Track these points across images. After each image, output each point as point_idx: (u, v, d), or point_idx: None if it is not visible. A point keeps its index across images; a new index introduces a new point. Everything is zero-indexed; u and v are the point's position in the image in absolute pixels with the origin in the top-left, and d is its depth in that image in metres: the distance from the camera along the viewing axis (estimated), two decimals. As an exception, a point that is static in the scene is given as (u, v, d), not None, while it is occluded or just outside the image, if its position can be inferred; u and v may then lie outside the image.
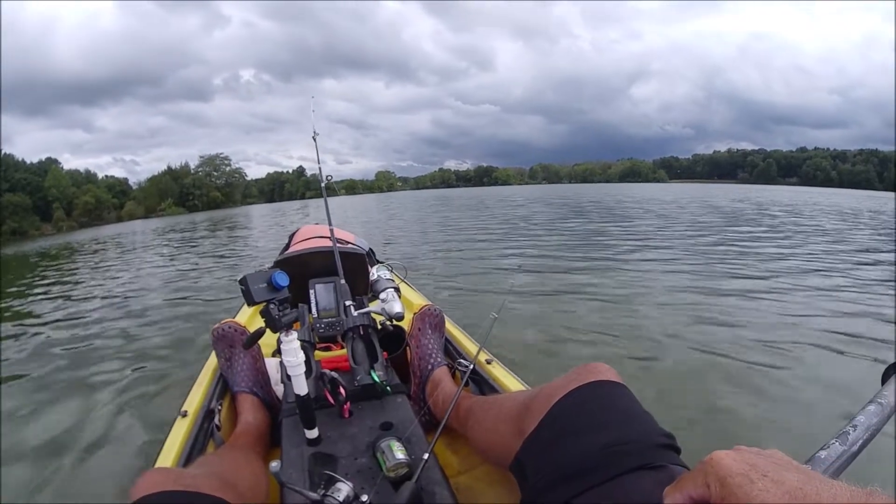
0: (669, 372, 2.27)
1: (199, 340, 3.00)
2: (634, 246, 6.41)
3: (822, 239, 7.06)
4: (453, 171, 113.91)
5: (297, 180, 74.15)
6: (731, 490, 0.34)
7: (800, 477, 0.33)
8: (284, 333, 0.83)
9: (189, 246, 9.94)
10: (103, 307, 4.45)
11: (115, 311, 4.24)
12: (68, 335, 3.53)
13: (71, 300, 5.01)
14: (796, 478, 0.33)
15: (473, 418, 0.87)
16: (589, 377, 0.64)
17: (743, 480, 0.34)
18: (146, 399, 2.22)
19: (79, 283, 6.24)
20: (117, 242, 12.89)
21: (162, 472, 0.64)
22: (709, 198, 20.33)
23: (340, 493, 0.66)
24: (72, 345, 3.25)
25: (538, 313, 3.21)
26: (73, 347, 3.19)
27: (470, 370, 1.11)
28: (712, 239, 6.50)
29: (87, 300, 4.94)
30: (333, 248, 1.52)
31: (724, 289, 3.86)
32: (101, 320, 3.90)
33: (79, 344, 3.26)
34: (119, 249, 10.79)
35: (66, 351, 3.12)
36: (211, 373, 1.25)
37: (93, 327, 3.68)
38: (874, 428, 0.47)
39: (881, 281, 4.16)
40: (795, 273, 4.49)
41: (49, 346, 3.30)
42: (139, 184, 55.22)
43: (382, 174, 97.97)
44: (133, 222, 36.24)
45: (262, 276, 0.82)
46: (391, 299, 1.13)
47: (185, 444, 0.95)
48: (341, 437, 0.90)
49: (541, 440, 0.62)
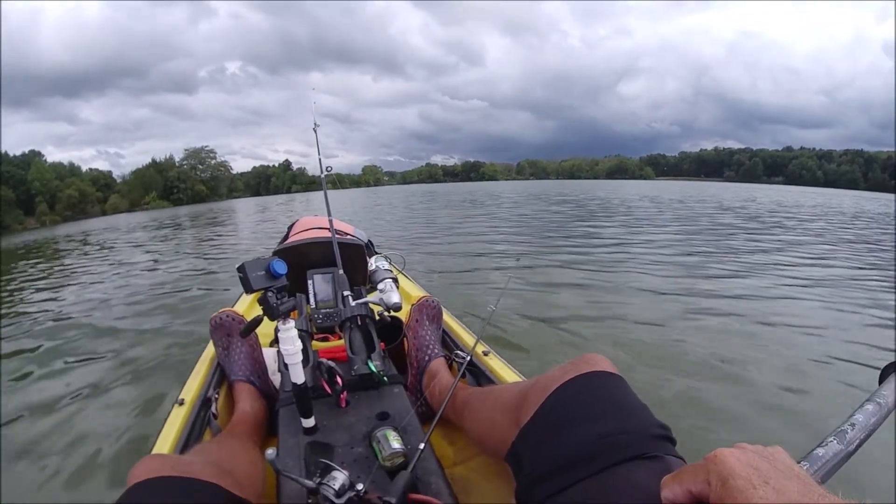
0: (664, 358, 2.29)
1: (195, 329, 3.00)
2: (635, 239, 6.44)
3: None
4: (440, 166, 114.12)
5: (283, 174, 73.83)
6: (731, 492, 0.34)
7: (800, 488, 0.34)
8: (282, 322, 0.83)
9: (175, 240, 9.92)
10: (96, 296, 4.46)
11: (108, 300, 4.25)
12: (63, 323, 3.54)
13: (61, 291, 5.00)
14: (796, 488, 0.34)
15: (469, 409, 0.87)
16: (585, 368, 0.63)
17: (745, 484, 0.34)
18: (142, 387, 2.22)
19: (68, 275, 6.22)
20: (103, 237, 12.66)
21: (159, 458, 0.64)
22: (709, 197, 20.10)
23: (336, 481, 0.66)
24: (64, 333, 3.26)
25: (534, 305, 3.21)
26: (65, 336, 3.20)
27: (467, 361, 1.11)
28: (743, 245, 6.43)
29: (78, 289, 4.94)
30: (332, 238, 1.52)
31: (721, 283, 3.88)
32: (93, 310, 3.91)
33: (72, 333, 3.26)
34: (106, 243, 10.66)
35: (60, 340, 3.13)
36: (208, 361, 1.25)
37: (86, 317, 3.69)
38: (871, 427, 0.48)
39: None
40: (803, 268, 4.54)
41: (43, 333, 3.30)
42: (123, 177, 54.58)
43: (369, 169, 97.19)
44: (117, 216, 35.63)
45: (260, 263, 0.82)
46: (389, 290, 1.13)
47: (181, 432, 0.95)
48: (338, 427, 0.90)
49: (536, 430, 0.62)
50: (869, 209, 15.69)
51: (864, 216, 12.40)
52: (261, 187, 71.94)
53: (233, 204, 35.17)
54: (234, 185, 64.61)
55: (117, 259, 7.28)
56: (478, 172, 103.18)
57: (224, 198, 54.98)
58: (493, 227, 8.72)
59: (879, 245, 6.64)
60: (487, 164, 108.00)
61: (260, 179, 74.57)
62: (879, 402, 0.51)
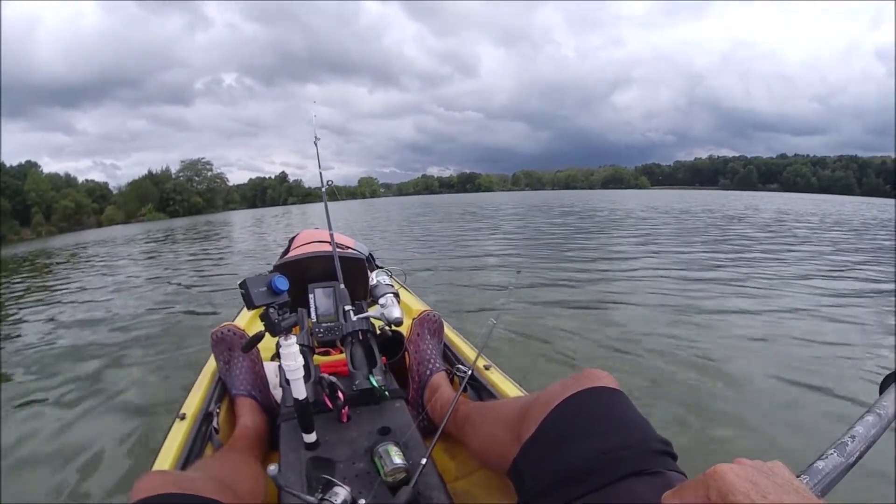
0: (665, 376, 2.28)
1: (195, 344, 3.00)
2: (638, 252, 6.43)
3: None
4: (436, 177, 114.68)
5: (280, 186, 73.70)
6: None
7: (799, 503, 0.34)
8: (283, 337, 0.84)
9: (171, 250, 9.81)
10: (97, 310, 4.45)
11: (108, 314, 4.24)
12: (63, 338, 3.53)
13: (60, 304, 4.98)
14: (796, 503, 0.34)
15: (471, 423, 0.87)
16: (587, 383, 0.64)
17: (744, 500, 0.34)
18: (143, 401, 2.21)
19: (66, 287, 6.18)
20: (98, 249, 12.53)
21: (161, 474, 0.64)
22: (720, 207, 19.56)
23: (338, 497, 0.66)
24: (62, 346, 3.25)
25: (536, 319, 3.21)
26: (65, 349, 3.19)
27: (468, 376, 1.11)
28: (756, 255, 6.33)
29: (79, 304, 4.93)
30: (333, 252, 1.53)
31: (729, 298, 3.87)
32: (95, 322, 3.90)
33: (73, 344, 3.25)
34: (104, 255, 10.60)
35: (59, 352, 3.12)
36: (209, 376, 1.25)
37: (86, 330, 3.68)
38: (871, 439, 0.47)
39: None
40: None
41: (41, 348, 3.29)
42: (119, 188, 54.57)
43: (365, 180, 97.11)
44: (113, 227, 35.42)
45: (261, 279, 0.83)
46: (390, 304, 1.14)
47: (183, 447, 0.95)
48: (339, 442, 0.90)
49: (538, 445, 0.62)
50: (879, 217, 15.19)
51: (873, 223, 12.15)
52: (257, 199, 71.71)
53: (229, 216, 34.91)
54: (231, 196, 64.48)
55: (109, 274, 7.23)
56: (473, 184, 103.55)
57: (220, 210, 54.84)
58: (495, 239, 8.69)
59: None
60: (483, 176, 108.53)
61: (256, 191, 74.39)
62: (879, 413, 0.51)
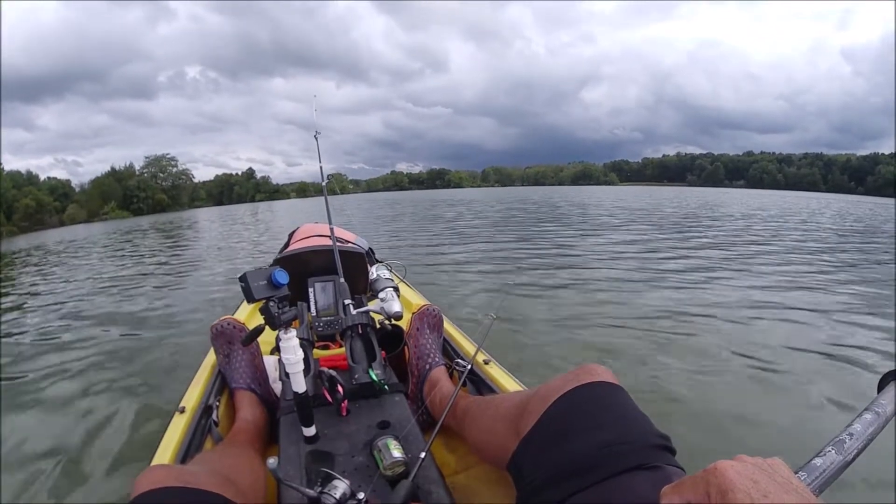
0: (669, 373, 2.29)
1: (194, 338, 3.00)
2: (633, 249, 6.44)
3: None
4: (405, 173, 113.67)
5: (247, 182, 71.47)
6: None
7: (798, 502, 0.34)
8: (283, 331, 0.84)
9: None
10: (90, 305, 4.45)
11: (107, 308, 4.25)
12: (59, 329, 3.53)
13: (57, 302, 4.98)
14: (795, 502, 0.34)
15: (470, 418, 0.87)
16: (586, 378, 0.64)
17: (744, 498, 0.34)
18: (143, 394, 2.22)
19: (56, 282, 6.19)
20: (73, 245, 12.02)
21: (163, 468, 0.64)
22: (720, 204, 19.46)
23: (337, 490, 0.66)
24: (58, 339, 3.26)
25: (535, 312, 3.21)
26: (61, 342, 3.19)
27: (468, 370, 1.12)
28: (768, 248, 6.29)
29: (76, 300, 4.94)
30: (333, 246, 1.52)
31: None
32: (92, 317, 3.90)
33: (69, 338, 3.26)
34: (82, 251, 10.36)
35: (57, 345, 3.12)
36: (209, 369, 1.25)
37: (83, 323, 3.68)
38: (869, 436, 0.47)
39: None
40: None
41: (40, 342, 3.30)
42: (82, 186, 51.71)
43: (334, 177, 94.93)
44: (76, 227, 33.78)
45: (262, 273, 0.83)
46: (390, 298, 1.14)
47: (182, 440, 0.95)
48: (339, 435, 0.90)
49: (537, 440, 0.62)
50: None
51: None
52: (224, 196, 68.86)
53: (195, 214, 33.47)
54: (197, 194, 62.14)
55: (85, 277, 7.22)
56: (443, 180, 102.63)
57: (186, 207, 52.80)
58: (483, 234, 8.64)
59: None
60: (453, 172, 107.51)
61: (223, 188, 71.48)
62: (878, 411, 0.51)
